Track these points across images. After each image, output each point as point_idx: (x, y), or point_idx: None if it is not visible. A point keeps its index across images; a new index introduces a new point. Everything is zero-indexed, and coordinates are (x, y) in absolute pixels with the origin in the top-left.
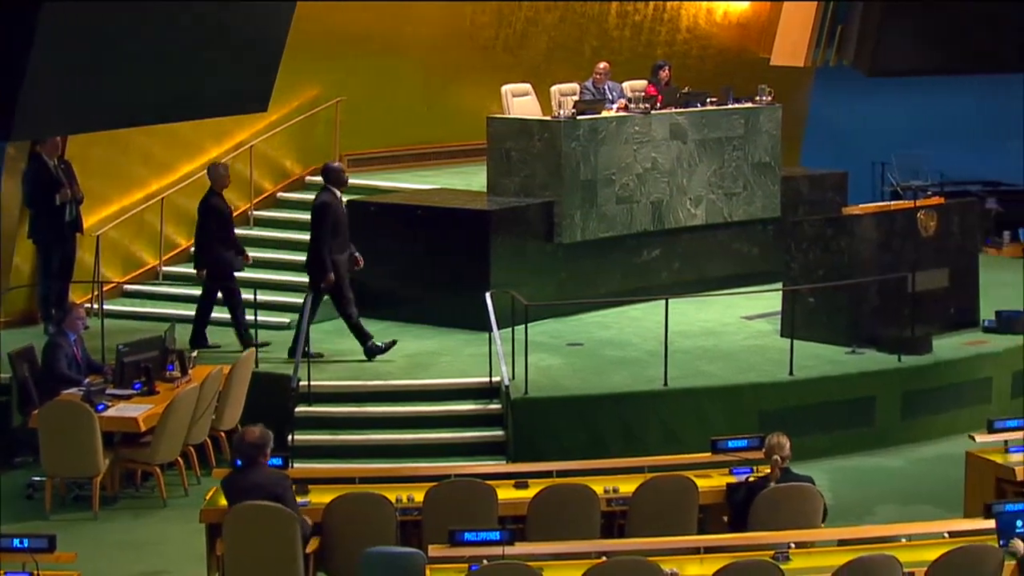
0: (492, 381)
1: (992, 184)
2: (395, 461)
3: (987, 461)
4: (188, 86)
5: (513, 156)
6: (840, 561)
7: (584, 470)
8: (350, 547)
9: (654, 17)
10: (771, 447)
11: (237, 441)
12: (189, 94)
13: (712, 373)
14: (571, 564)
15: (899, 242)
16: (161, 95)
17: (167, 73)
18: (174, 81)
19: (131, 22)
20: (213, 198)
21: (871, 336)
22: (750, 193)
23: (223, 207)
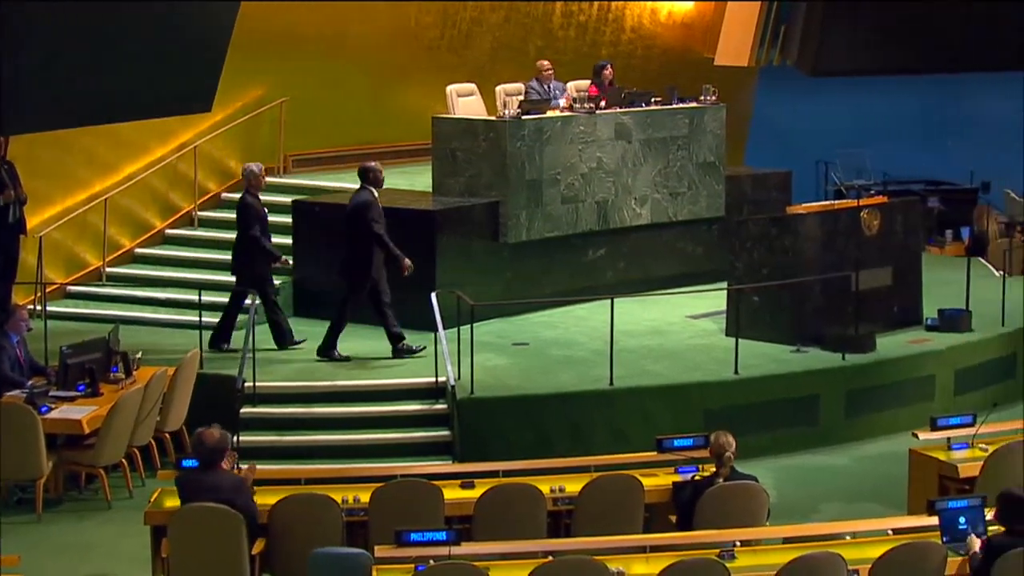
0: (438, 381)
1: (934, 183)
2: (341, 462)
3: (930, 458)
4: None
5: (458, 156)
6: (785, 559)
7: (530, 470)
8: (296, 548)
9: (599, 17)
10: (717, 446)
11: (195, 444)
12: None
13: (658, 372)
14: (517, 564)
15: (843, 241)
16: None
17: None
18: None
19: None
20: (248, 198)
21: (815, 335)
22: (695, 193)
23: (259, 207)
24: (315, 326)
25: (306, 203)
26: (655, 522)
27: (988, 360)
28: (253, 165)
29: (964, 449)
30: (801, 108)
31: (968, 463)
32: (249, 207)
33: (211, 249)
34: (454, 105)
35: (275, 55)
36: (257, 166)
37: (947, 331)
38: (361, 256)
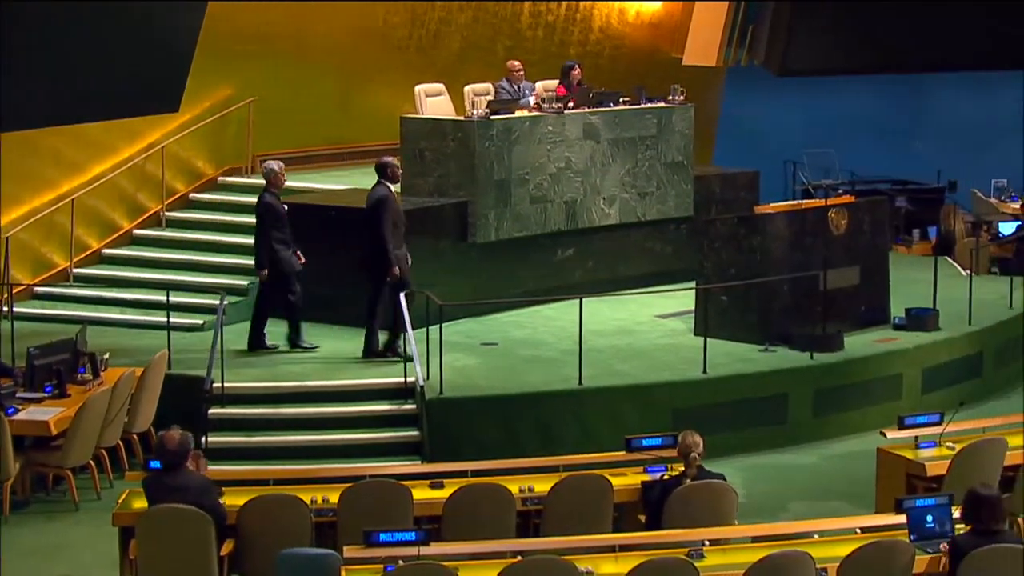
0: (407, 381)
1: (902, 183)
2: (310, 462)
3: (898, 457)
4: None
5: (427, 156)
6: (754, 558)
7: (499, 469)
8: (265, 549)
9: (567, 17)
10: (683, 446)
11: (158, 447)
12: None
13: (626, 372)
14: (486, 564)
15: (810, 240)
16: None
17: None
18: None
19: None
20: (269, 197)
21: (783, 334)
22: (663, 192)
23: (279, 206)
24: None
25: None
26: (624, 521)
27: (955, 359)
28: (274, 163)
29: (931, 448)
30: (769, 108)
31: (935, 461)
32: (271, 207)
33: (179, 250)
34: (422, 105)
35: (243, 55)
36: (278, 164)
37: (914, 330)
38: (380, 250)
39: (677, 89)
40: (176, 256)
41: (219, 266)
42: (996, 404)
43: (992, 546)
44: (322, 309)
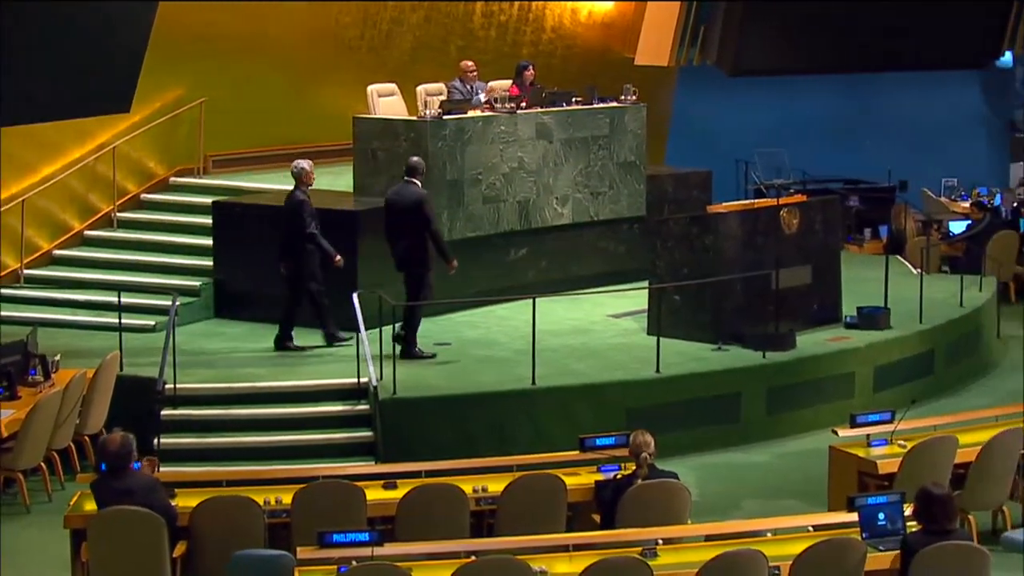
0: (360, 382)
1: (853, 182)
2: (263, 463)
3: (849, 455)
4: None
5: (379, 156)
6: (707, 556)
7: (453, 470)
8: (218, 551)
9: (519, 17)
10: (636, 444)
11: (100, 451)
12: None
13: (580, 371)
14: (440, 564)
15: (763, 240)
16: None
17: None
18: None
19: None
20: (300, 194)
21: (736, 333)
22: (616, 192)
23: (309, 202)
24: (236, 327)
25: (226, 203)
26: (578, 521)
27: (906, 357)
28: (304, 162)
29: (883, 446)
30: (721, 108)
31: (887, 459)
32: (305, 204)
33: (130, 251)
34: (375, 105)
35: (194, 55)
36: (308, 163)
37: (866, 329)
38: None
39: (629, 89)
40: (128, 257)
41: (171, 267)
42: (947, 402)
43: (943, 544)
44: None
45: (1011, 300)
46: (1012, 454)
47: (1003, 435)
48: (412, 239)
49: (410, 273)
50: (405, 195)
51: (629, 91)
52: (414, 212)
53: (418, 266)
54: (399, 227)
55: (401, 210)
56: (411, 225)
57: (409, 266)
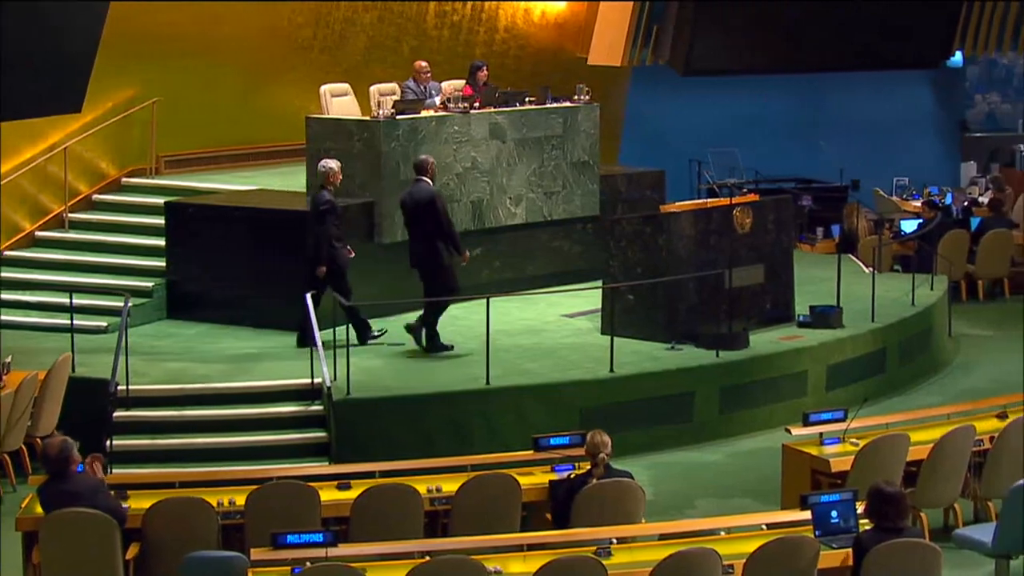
0: (314, 382)
1: (805, 181)
2: (216, 465)
3: (802, 453)
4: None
5: (332, 156)
6: (661, 555)
7: (407, 470)
8: (171, 552)
9: (472, 17)
10: (593, 444)
11: (41, 456)
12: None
13: (534, 371)
14: (395, 564)
15: (716, 239)
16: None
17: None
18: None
19: None
20: (328, 194)
21: (689, 332)
22: (569, 192)
23: (336, 202)
24: (189, 328)
25: (179, 204)
26: (532, 521)
27: (859, 356)
28: (332, 163)
29: (836, 444)
30: (674, 107)
31: (840, 458)
32: (333, 204)
33: (82, 251)
34: (328, 105)
35: (146, 55)
36: (335, 163)
37: (819, 327)
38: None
39: (582, 89)
40: (79, 258)
41: (123, 268)
42: (899, 400)
43: (895, 541)
44: (231, 310)
45: (962, 299)
46: (963, 452)
47: (954, 433)
48: (428, 236)
49: (426, 270)
50: (417, 193)
51: (582, 91)
52: (427, 209)
53: (434, 262)
54: (413, 225)
55: (414, 208)
56: (425, 222)
57: (424, 263)
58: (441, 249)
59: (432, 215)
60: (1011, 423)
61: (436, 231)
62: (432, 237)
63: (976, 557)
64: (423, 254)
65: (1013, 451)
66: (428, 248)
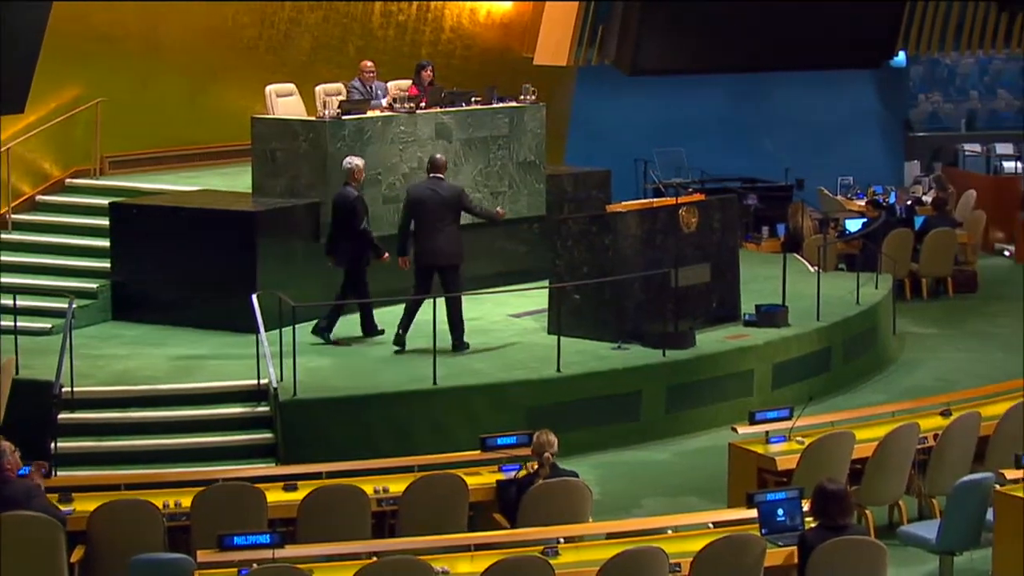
0: (260, 384)
1: (751, 181)
2: (162, 466)
3: (749, 452)
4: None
5: (278, 157)
6: (608, 554)
7: (354, 471)
8: (116, 555)
9: (418, 17)
10: (539, 444)
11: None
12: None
13: (481, 371)
14: (342, 565)
15: (662, 238)
16: None
17: None
18: None
19: None
20: (352, 191)
21: (636, 331)
22: (516, 192)
23: (363, 200)
24: (134, 329)
25: (124, 205)
26: (479, 521)
27: (804, 354)
28: (357, 160)
29: (782, 442)
30: (620, 107)
31: (785, 456)
32: (360, 200)
33: (26, 253)
34: (273, 105)
35: (91, 55)
36: (360, 160)
37: (764, 326)
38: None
39: (529, 89)
40: (23, 259)
41: (67, 269)
42: (844, 398)
43: (839, 539)
44: (176, 312)
45: (906, 297)
46: (908, 449)
47: (899, 431)
48: (452, 232)
49: (452, 266)
50: (443, 190)
51: (528, 91)
52: (455, 205)
53: (459, 259)
54: (436, 221)
55: (439, 204)
56: (452, 218)
57: (452, 259)
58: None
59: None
60: (955, 420)
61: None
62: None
63: (920, 554)
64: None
65: (957, 448)
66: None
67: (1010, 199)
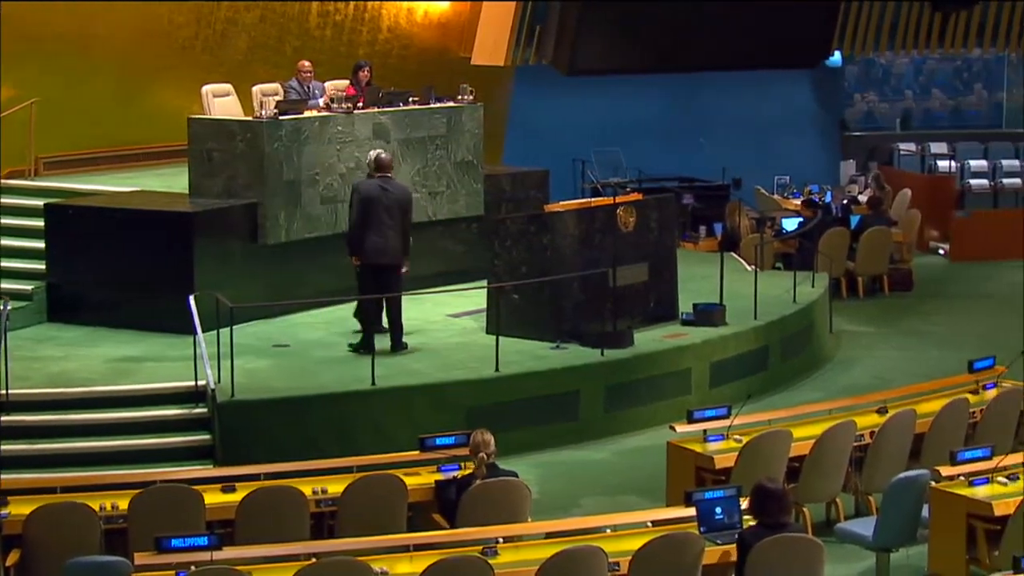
0: (197, 385)
1: (688, 180)
2: (99, 469)
3: (687, 451)
4: None
5: (215, 157)
6: (547, 553)
7: (292, 472)
8: (53, 558)
9: (355, 17)
10: (476, 444)
11: None
12: None
13: (420, 371)
14: (281, 567)
15: (600, 238)
16: None
17: None
18: None
19: None
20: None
21: (575, 331)
22: (454, 192)
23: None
24: (70, 331)
25: (59, 206)
26: (419, 521)
27: (742, 353)
28: (384, 154)
29: (720, 441)
30: (557, 107)
31: (723, 454)
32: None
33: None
34: (210, 106)
35: (24, 55)
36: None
37: (702, 325)
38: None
39: (466, 89)
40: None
41: (2, 271)
42: (781, 397)
43: (778, 536)
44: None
45: (843, 296)
46: (844, 447)
47: (835, 428)
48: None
49: (396, 266)
50: (394, 189)
51: (466, 91)
52: (406, 205)
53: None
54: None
55: (391, 203)
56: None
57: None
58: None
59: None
60: (891, 418)
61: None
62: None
63: (857, 550)
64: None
65: (893, 446)
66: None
67: (944, 198)
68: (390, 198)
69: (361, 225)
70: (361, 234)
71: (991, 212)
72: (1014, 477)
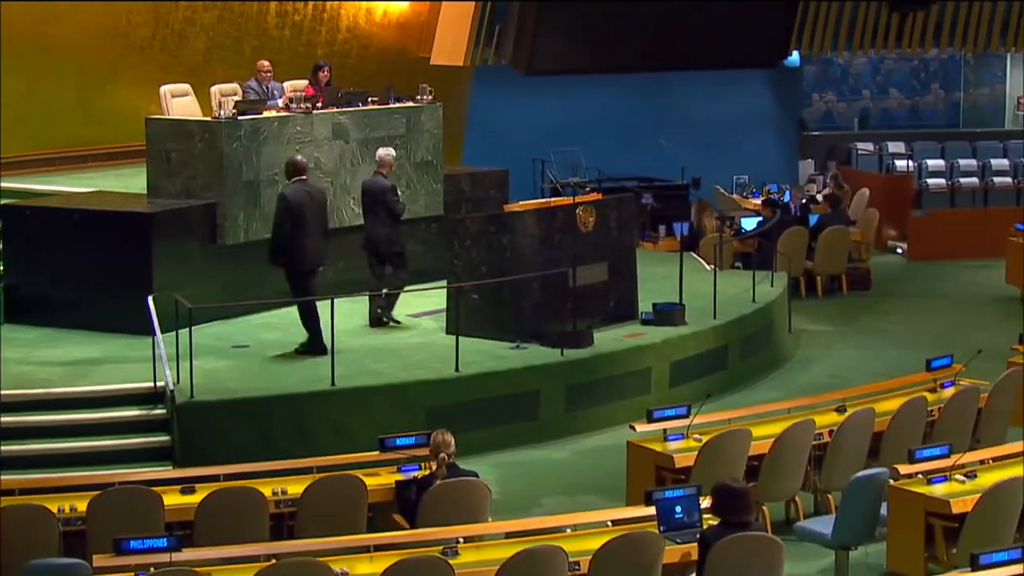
0: (156, 386)
1: (647, 180)
2: (57, 470)
3: (647, 450)
4: None
5: (173, 157)
6: (507, 553)
7: (252, 473)
8: (11, 561)
9: (314, 17)
10: (436, 444)
11: None
12: None
13: (380, 371)
14: (240, 568)
15: (559, 238)
16: None
17: None
18: None
19: None
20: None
21: (534, 331)
22: (413, 192)
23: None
24: (27, 332)
25: (16, 207)
26: (379, 521)
27: (701, 352)
28: (300, 157)
29: (679, 440)
30: (516, 107)
31: (683, 453)
32: (393, 187)
33: None
34: (168, 106)
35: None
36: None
37: (662, 325)
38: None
39: (425, 89)
40: None
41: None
42: (741, 396)
43: (738, 535)
44: (70, 314)
45: (802, 295)
46: (803, 446)
47: (794, 427)
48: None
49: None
50: (315, 192)
51: (425, 91)
52: (326, 205)
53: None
54: (317, 223)
55: (318, 207)
56: (325, 219)
57: (324, 261)
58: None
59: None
60: (849, 417)
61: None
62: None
63: (817, 549)
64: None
65: (851, 444)
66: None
67: (902, 197)
68: (315, 201)
69: (295, 232)
70: (298, 241)
71: (948, 211)
72: (972, 475)
